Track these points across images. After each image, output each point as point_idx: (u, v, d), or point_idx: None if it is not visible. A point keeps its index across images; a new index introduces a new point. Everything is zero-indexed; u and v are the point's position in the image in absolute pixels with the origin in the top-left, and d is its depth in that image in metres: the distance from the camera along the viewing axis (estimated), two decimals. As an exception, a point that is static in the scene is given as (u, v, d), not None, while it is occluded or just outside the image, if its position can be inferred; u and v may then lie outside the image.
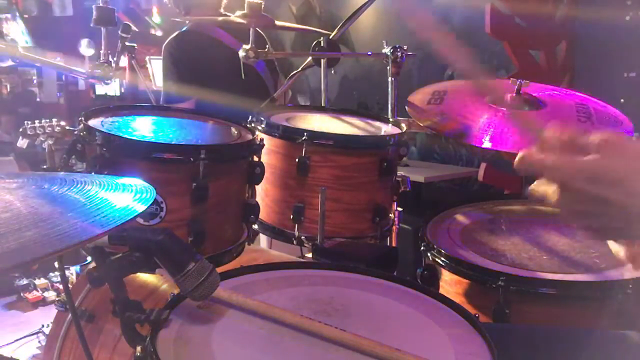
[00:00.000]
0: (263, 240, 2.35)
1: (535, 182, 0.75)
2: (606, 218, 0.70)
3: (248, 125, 1.53)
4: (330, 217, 1.51)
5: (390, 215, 1.68)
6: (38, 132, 2.14)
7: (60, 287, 3.52)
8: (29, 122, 2.15)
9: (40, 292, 3.59)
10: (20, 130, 2.15)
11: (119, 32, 2.18)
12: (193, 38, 2.46)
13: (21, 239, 0.58)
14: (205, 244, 1.29)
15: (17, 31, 4.82)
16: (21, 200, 0.70)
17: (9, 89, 4.89)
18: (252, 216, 1.41)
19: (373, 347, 0.85)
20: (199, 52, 2.42)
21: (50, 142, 2.13)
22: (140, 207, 0.73)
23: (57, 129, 2.13)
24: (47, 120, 2.15)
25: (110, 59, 2.14)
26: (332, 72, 2.07)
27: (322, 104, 2.16)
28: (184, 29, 2.51)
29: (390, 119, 1.81)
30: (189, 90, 2.31)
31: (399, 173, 1.67)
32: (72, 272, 3.23)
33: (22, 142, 2.16)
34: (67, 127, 2.12)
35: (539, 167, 0.72)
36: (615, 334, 1.11)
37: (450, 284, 1.37)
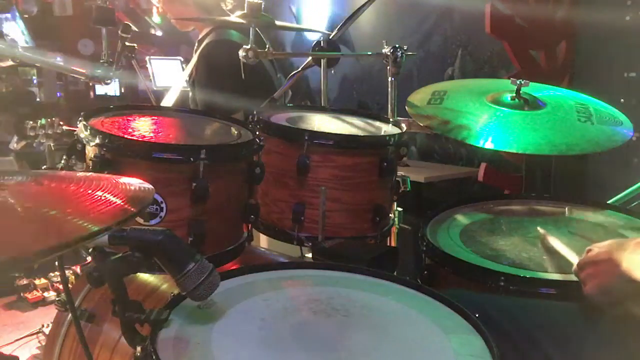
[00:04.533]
0: (263, 240, 2.35)
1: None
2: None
3: (248, 125, 1.53)
4: (330, 217, 1.51)
5: (390, 215, 1.68)
6: (38, 132, 2.14)
7: (60, 287, 3.52)
8: (30, 122, 2.14)
9: (40, 292, 3.60)
10: (18, 131, 2.14)
11: (119, 32, 2.17)
12: (223, 44, 2.41)
13: (20, 237, 0.58)
14: (205, 244, 1.29)
15: (17, 31, 4.81)
16: (20, 197, 0.70)
17: (8, 89, 4.88)
18: (252, 216, 1.41)
19: None
20: (230, 59, 2.38)
21: (50, 142, 2.12)
22: (140, 207, 0.72)
23: (58, 130, 2.13)
24: (47, 120, 2.13)
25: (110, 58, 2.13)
26: (332, 72, 2.06)
27: (322, 104, 2.16)
28: (211, 36, 2.46)
29: (390, 119, 1.81)
30: (228, 99, 2.27)
31: (399, 173, 1.67)
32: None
33: (17, 145, 2.14)
34: (66, 128, 2.11)
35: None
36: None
37: (450, 284, 1.37)
